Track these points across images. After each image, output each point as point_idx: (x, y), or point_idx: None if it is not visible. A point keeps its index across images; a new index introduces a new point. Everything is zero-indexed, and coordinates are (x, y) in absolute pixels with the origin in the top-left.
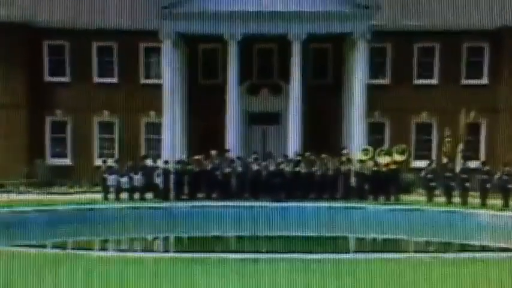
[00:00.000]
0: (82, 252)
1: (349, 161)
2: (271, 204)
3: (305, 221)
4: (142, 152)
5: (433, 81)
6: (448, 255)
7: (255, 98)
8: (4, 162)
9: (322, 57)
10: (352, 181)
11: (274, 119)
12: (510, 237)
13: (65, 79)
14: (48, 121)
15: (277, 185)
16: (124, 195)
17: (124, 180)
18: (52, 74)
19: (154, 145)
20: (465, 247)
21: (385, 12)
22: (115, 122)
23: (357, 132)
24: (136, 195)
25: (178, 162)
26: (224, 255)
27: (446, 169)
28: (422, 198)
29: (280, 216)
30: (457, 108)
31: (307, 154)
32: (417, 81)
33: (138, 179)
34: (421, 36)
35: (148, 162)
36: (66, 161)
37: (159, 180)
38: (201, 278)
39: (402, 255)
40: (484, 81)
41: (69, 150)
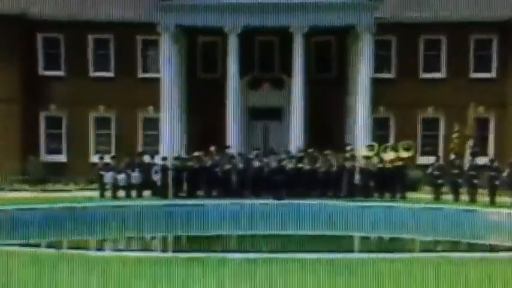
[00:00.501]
0: (78, 252)
1: (353, 158)
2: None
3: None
4: (140, 148)
5: (440, 75)
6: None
7: (256, 92)
8: None
9: (325, 51)
10: (357, 178)
11: (276, 114)
12: None
13: (60, 73)
14: (42, 116)
15: (279, 182)
16: (121, 193)
17: (121, 178)
18: (46, 67)
19: (152, 141)
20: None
21: (389, 3)
22: (111, 117)
23: (361, 128)
24: (134, 193)
25: (176, 158)
26: (224, 254)
27: (453, 166)
28: (429, 196)
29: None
30: (464, 102)
31: (310, 150)
32: (423, 75)
33: (135, 176)
34: (427, 29)
35: (146, 158)
36: (61, 158)
37: (157, 178)
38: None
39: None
40: (492, 75)
41: (64, 146)
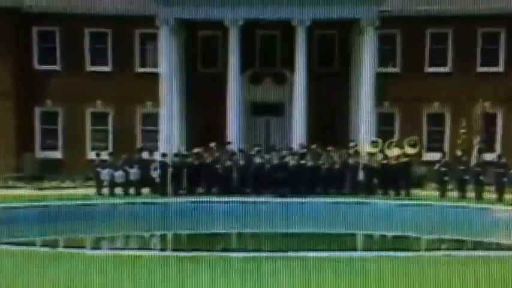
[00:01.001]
0: (74, 251)
1: (357, 154)
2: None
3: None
4: (138, 144)
5: (446, 69)
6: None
7: (258, 87)
8: None
9: (328, 45)
10: (360, 175)
11: (278, 109)
12: None
13: (56, 67)
14: (37, 112)
15: (281, 179)
16: (119, 190)
17: (119, 175)
18: (42, 61)
19: (151, 137)
20: None
21: None
22: (109, 112)
23: (365, 124)
24: (132, 190)
25: (176, 155)
26: (225, 253)
27: (460, 162)
28: (435, 193)
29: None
30: (471, 97)
31: (313, 146)
32: (429, 70)
33: (133, 173)
34: (433, 22)
35: (145, 155)
36: (57, 154)
37: (156, 174)
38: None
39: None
40: (500, 69)
41: (60, 142)
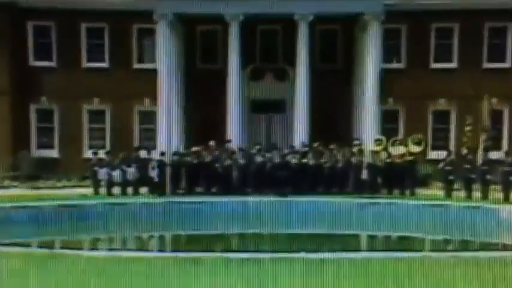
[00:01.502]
0: (71, 252)
1: (360, 152)
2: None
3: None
4: (136, 142)
5: (452, 65)
6: None
7: (258, 84)
8: None
9: (330, 40)
10: (364, 174)
11: (279, 106)
12: None
13: (51, 63)
14: (33, 109)
15: (283, 179)
16: (116, 190)
17: (116, 174)
18: (37, 57)
19: (149, 135)
20: None
21: None
22: (106, 110)
23: (369, 121)
24: (130, 190)
25: (175, 153)
26: (224, 254)
27: (466, 160)
28: (440, 192)
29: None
30: (477, 94)
31: (315, 145)
32: (434, 65)
33: (131, 172)
34: (439, 16)
35: (143, 153)
36: (53, 153)
37: (154, 173)
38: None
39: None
40: (507, 65)
41: (56, 141)
